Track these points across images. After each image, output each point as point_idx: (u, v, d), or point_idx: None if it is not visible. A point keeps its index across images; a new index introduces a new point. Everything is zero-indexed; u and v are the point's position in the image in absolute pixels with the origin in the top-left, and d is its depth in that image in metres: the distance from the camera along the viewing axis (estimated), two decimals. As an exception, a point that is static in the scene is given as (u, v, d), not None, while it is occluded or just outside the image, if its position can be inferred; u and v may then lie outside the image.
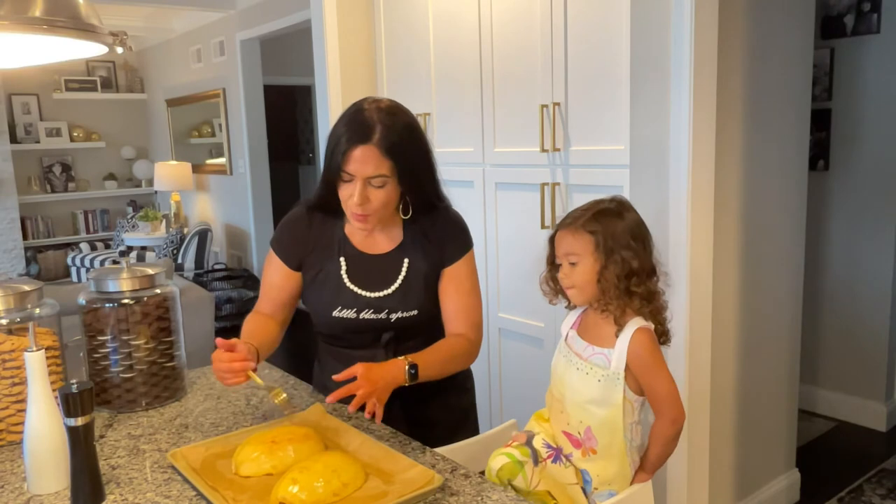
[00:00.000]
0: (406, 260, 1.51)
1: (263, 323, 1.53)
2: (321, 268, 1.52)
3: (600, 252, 1.32)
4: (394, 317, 1.49)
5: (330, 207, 1.50)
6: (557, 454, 1.39)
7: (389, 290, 1.49)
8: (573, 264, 1.35)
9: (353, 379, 1.30)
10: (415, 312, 1.50)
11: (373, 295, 1.49)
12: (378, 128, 1.36)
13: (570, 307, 1.45)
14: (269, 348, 1.49)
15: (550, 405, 1.44)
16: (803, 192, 2.59)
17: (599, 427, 1.33)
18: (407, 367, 1.35)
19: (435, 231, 1.52)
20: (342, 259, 1.51)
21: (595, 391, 1.33)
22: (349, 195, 1.39)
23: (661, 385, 1.32)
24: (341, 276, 1.50)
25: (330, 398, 1.29)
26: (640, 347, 1.31)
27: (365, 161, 1.36)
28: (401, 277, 1.50)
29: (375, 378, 1.30)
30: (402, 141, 1.39)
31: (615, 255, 1.31)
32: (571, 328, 1.44)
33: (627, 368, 1.32)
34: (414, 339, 1.52)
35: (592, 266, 1.33)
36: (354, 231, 1.53)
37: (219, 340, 1.32)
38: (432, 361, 1.42)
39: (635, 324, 1.32)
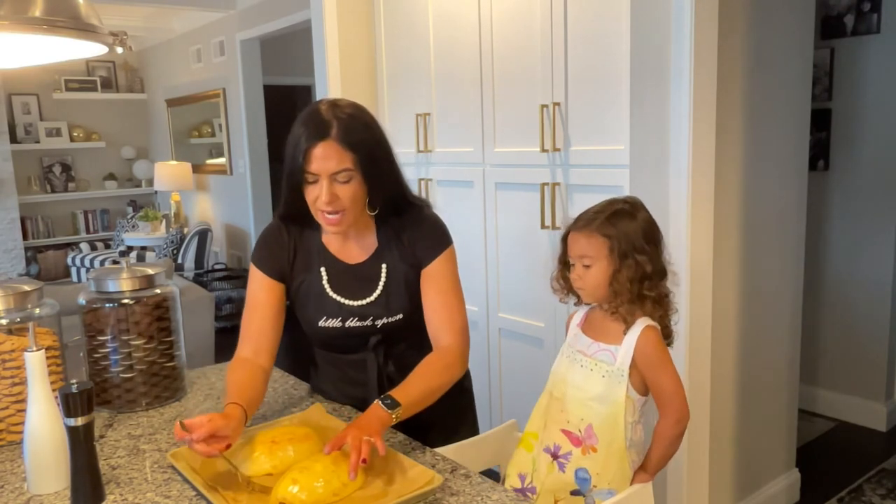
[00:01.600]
0: (384, 266, 1.48)
1: (250, 374, 1.40)
2: (303, 279, 1.49)
3: (615, 256, 1.32)
4: (379, 323, 1.47)
5: (299, 215, 1.46)
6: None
7: (372, 298, 1.47)
8: (587, 266, 1.35)
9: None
10: (400, 317, 1.48)
11: (356, 303, 1.47)
12: (335, 123, 1.34)
13: (580, 304, 1.45)
14: (257, 402, 1.38)
15: (548, 407, 1.44)
16: (803, 192, 2.59)
17: (601, 425, 1.34)
18: (380, 401, 1.27)
19: (407, 232, 1.49)
20: (323, 269, 1.49)
21: (598, 387, 1.34)
22: (316, 196, 1.36)
23: (668, 383, 1.33)
24: (323, 286, 1.48)
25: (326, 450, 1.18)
26: (647, 345, 1.32)
27: (327, 157, 1.33)
28: (381, 284, 1.48)
29: (361, 423, 1.22)
30: (362, 134, 1.37)
31: (629, 259, 1.31)
32: (577, 326, 1.44)
33: (633, 366, 1.32)
34: (403, 340, 1.52)
35: (606, 269, 1.33)
36: (331, 240, 1.50)
37: (178, 433, 1.15)
38: (414, 386, 1.35)
39: (643, 322, 1.33)
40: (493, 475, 1.41)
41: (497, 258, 2.71)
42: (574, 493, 1.37)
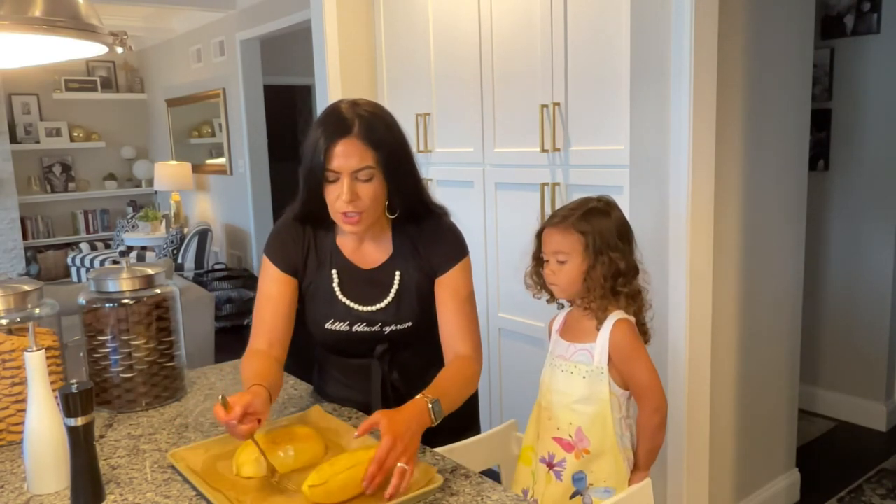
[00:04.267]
0: (397, 273, 1.46)
1: (266, 363, 1.38)
2: (313, 279, 1.48)
3: (589, 252, 1.33)
4: (387, 330, 1.46)
5: (316, 217, 1.44)
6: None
7: (382, 305, 1.46)
8: (561, 262, 1.36)
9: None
10: (409, 325, 1.47)
11: (365, 309, 1.45)
12: (357, 120, 1.32)
13: (552, 301, 1.46)
14: (277, 389, 1.34)
15: (538, 418, 1.45)
16: (803, 192, 2.59)
17: (590, 425, 1.34)
18: (430, 406, 1.21)
19: (424, 240, 1.47)
20: (334, 271, 1.47)
21: (581, 389, 1.35)
22: (336, 196, 1.34)
23: (642, 373, 1.34)
24: (333, 288, 1.46)
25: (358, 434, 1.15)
26: (620, 337, 1.33)
27: (348, 155, 1.31)
28: (393, 291, 1.46)
29: (401, 431, 1.13)
30: (383, 133, 1.35)
31: (603, 255, 1.33)
32: (556, 332, 1.45)
33: (610, 362, 1.33)
34: (409, 348, 1.51)
35: (580, 265, 1.34)
36: (346, 242, 1.48)
37: (219, 414, 1.13)
38: (452, 392, 1.31)
39: (616, 315, 1.35)
40: (493, 475, 1.41)
41: (497, 258, 2.71)
42: (573, 495, 1.37)
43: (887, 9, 3.14)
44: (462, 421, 1.59)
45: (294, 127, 8.44)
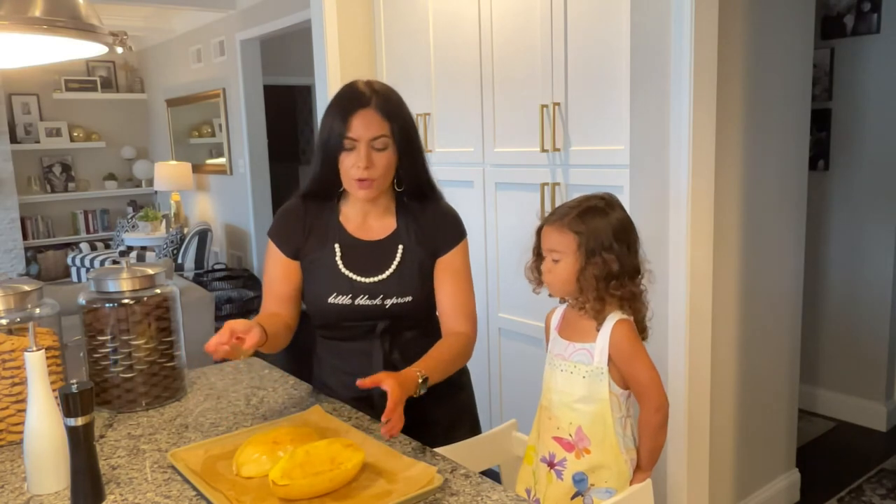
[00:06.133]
0: (400, 246, 1.53)
1: (271, 316, 1.51)
2: (316, 255, 1.53)
3: (582, 252, 1.33)
4: (389, 303, 1.50)
5: (326, 190, 1.53)
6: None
7: (384, 275, 1.51)
8: (556, 261, 1.36)
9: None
10: (409, 299, 1.51)
11: (368, 280, 1.50)
12: (373, 95, 1.45)
13: (553, 295, 1.46)
14: (277, 336, 1.45)
15: (539, 418, 1.45)
16: (803, 192, 2.59)
17: (590, 425, 1.34)
18: (420, 381, 1.32)
19: (427, 220, 1.55)
20: (336, 246, 1.53)
21: (581, 389, 1.35)
22: (352, 163, 1.43)
23: (643, 373, 1.34)
24: (336, 262, 1.52)
25: (361, 383, 1.26)
26: (620, 337, 1.33)
27: (367, 124, 1.42)
28: (395, 262, 1.52)
29: (404, 385, 1.27)
30: (397, 108, 1.48)
31: (596, 256, 1.32)
32: (555, 330, 1.45)
33: (610, 360, 1.33)
34: (409, 329, 1.54)
35: (573, 265, 1.34)
36: (349, 218, 1.55)
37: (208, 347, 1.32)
38: (439, 368, 1.41)
39: (615, 316, 1.34)
40: (493, 475, 1.41)
41: (497, 258, 2.71)
42: (574, 496, 1.37)
43: (887, 9, 3.14)
44: (456, 417, 1.61)
45: (294, 127, 8.44)
